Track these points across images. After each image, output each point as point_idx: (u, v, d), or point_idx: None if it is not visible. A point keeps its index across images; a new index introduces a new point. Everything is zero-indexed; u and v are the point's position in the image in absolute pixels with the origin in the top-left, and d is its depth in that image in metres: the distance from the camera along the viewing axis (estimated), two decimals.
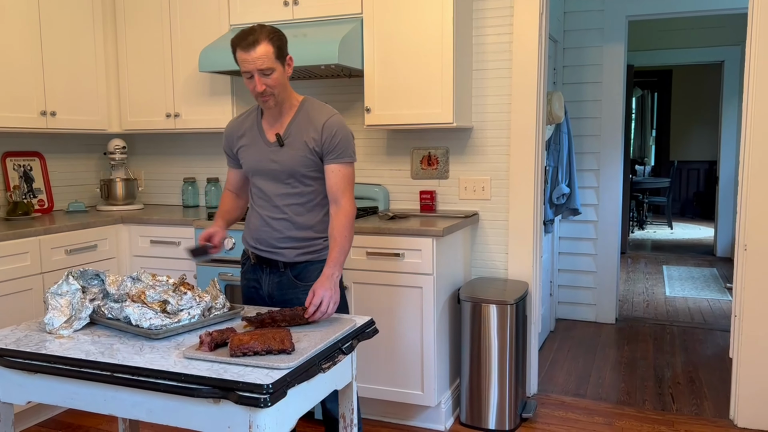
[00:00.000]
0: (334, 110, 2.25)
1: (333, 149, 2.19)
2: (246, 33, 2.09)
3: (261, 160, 2.25)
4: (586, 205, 4.75)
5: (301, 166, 2.21)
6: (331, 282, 2.05)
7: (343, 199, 2.20)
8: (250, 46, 2.06)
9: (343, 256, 2.15)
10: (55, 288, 1.93)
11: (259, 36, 2.07)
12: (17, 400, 1.80)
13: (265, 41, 2.07)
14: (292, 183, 2.23)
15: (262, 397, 1.46)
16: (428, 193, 3.43)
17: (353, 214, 2.20)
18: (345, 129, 2.22)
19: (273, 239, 2.27)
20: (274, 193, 2.25)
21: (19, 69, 3.27)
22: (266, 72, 2.09)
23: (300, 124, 2.22)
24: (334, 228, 2.17)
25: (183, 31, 3.60)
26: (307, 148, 2.19)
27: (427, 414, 3.08)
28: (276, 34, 2.11)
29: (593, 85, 4.66)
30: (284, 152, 2.21)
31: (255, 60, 2.06)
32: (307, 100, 2.27)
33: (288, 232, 2.25)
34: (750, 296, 3.03)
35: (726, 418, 3.19)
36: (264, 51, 2.07)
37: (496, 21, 3.27)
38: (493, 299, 2.99)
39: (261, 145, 2.25)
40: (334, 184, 2.20)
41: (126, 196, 3.89)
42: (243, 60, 2.09)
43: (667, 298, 5.63)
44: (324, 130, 2.18)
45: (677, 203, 10.91)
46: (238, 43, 2.09)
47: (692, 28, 6.83)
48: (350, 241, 2.19)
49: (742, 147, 3.02)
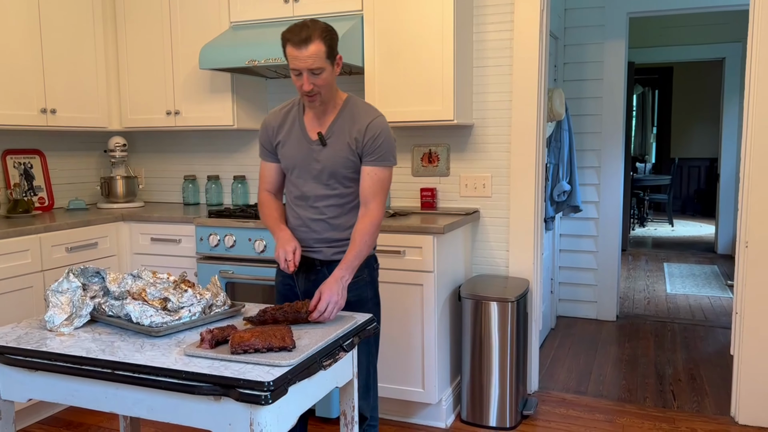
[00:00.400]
0: (378, 111, 2.20)
1: (373, 151, 2.14)
2: (299, 28, 2.01)
3: (302, 158, 2.20)
4: (587, 203, 4.75)
5: (342, 167, 2.16)
6: (339, 285, 2.01)
7: (373, 203, 2.15)
8: (302, 43, 1.99)
9: (357, 260, 2.11)
10: (55, 285, 1.93)
11: (312, 33, 1.99)
12: (18, 397, 1.80)
13: (318, 39, 2.00)
14: (332, 184, 2.19)
15: (263, 395, 1.46)
16: (429, 191, 3.43)
17: (379, 220, 2.16)
18: (388, 132, 2.16)
19: (310, 239, 2.23)
20: (313, 193, 2.20)
21: (20, 67, 3.27)
22: (316, 71, 2.02)
23: (343, 123, 2.16)
24: (356, 230, 2.13)
25: (183, 28, 3.59)
26: (349, 149, 2.14)
27: (428, 411, 3.08)
28: (329, 32, 2.04)
29: (594, 82, 4.65)
30: (326, 152, 2.16)
31: (306, 59, 2.00)
32: (351, 99, 2.22)
33: (325, 233, 2.22)
34: (751, 293, 3.02)
35: (727, 414, 3.18)
36: (316, 50, 1.99)
37: (497, 18, 3.26)
38: (494, 296, 2.98)
39: (302, 143, 2.20)
40: (367, 186, 2.15)
41: (126, 194, 3.89)
42: (293, 57, 2.01)
43: (668, 295, 5.62)
44: (367, 131, 2.13)
45: (678, 200, 10.91)
46: (290, 38, 2.01)
47: (693, 25, 6.81)
48: (370, 247, 2.15)
49: (743, 144, 3.01)
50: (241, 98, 3.61)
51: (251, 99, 3.69)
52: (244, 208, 3.36)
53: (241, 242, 3.13)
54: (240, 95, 3.59)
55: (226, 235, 3.15)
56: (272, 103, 3.83)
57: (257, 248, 3.07)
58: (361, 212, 2.16)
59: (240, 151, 3.97)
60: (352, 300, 2.21)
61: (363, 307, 2.25)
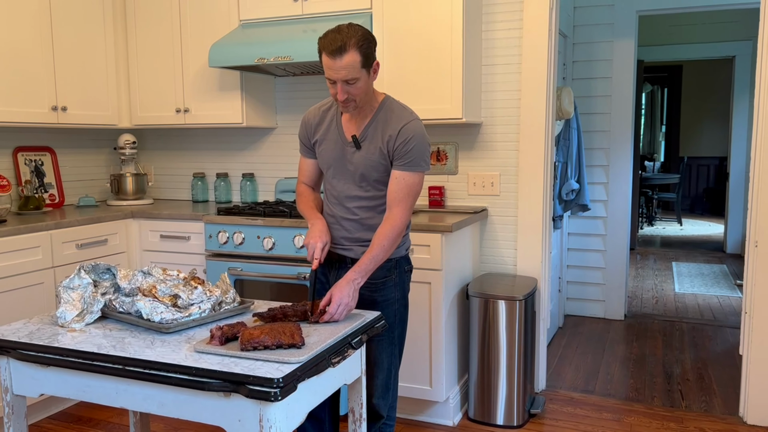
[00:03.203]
0: (413, 115, 2.15)
1: (403, 155, 2.09)
2: (334, 35, 1.96)
3: (337, 158, 2.19)
4: (596, 201, 4.74)
5: (374, 170, 2.14)
6: (351, 288, 1.99)
7: (397, 208, 2.11)
8: (336, 54, 1.94)
9: (373, 264, 2.09)
10: (67, 282, 1.95)
11: (347, 41, 1.94)
12: (30, 392, 1.82)
13: (353, 49, 1.94)
14: (365, 186, 2.17)
15: (273, 391, 1.47)
16: (437, 189, 3.43)
17: (401, 226, 2.11)
18: (421, 136, 2.11)
19: (342, 237, 2.23)
20: (346, 194, 2.20)
21: (31, 64, 3.29)
22: (350, 82, 1.99)
23: (377, 127, 2.14)
24: (376, 234, 2.11)
25: (193, 26, 3.60)
26: (381, 153, 2.12)
27: (436, 409, 3.09)
28: (365, 41, 1.98)
29: (603, 81, 4.64)
30: (359, 155, 2.15)
31: (339, 69, 1.95)
32: (387, 101, 2.17)
33: (357, 233, 2.21)
34: (761, 293, 3.01)
35: (735, 414, 3.17)
36: (350, 61, 1.95)
37: (506, 16, 3.26)
38: (502, 295, 2.99)
39: (338, 143, 2.18)
40: (393, 191, 2.12)
41: (136, 191, 3.91)
42: (327, 66, 1.98)
43: (677, 294, 5.60)
44: (399, 135, 2.09)
45: (687, 199, 10.85)
46: (325, 46, 1.97)
47: (703, 23, 6.78)
48: (387, 252, 2.11)
49: (753, 143, 3.00)
50: (250, 96, 3.62)
51: (260, 97, 3.70)
52: (253, 206, 3.38)
53: (249, 239, 3.14)
54: (249, 93, 3.61)
55: (235, 233, 3.17)
56: (281, 101, 3.85)
57: (266, 246, 3.08)
58: (385, 215, 2.14)
59: (249, 148, 3.98)
60: (378, 300, 2.21)
61: (389, 308, 2.24)
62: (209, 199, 4.09)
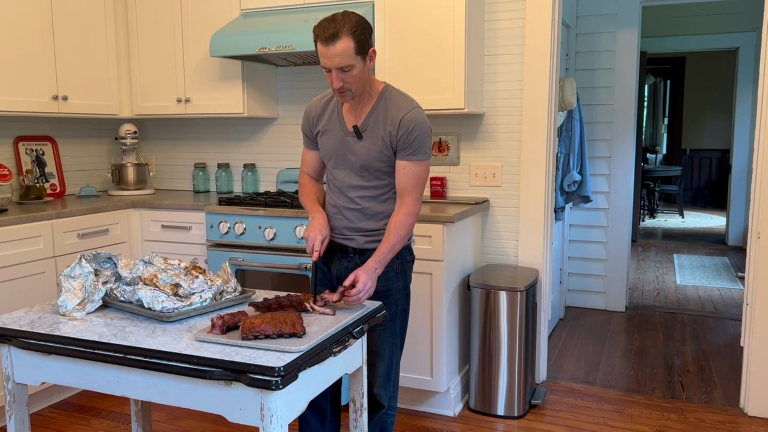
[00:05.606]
0: (413, 103, 2.14)
1: (407, 146, 2.09)
2: (328, 23, 1.95)
3: (339, 149, 2.19)
4: (598, 193, 4.73)
5: (376, 160, 2.14)
6: (372, 275, 2.02)
7: (408, 197, 2.13)
8: (329, 41, 1.93)
9: (391, 253, 2.10)
10: (68, 271, 1.95)
11: (341, 28, 1.93)
12: (32, 381, 1.82)
13: (346, 36, 1.93)
14: (366, 176, 2.18)
15: (274, 380, 1.47)
16: (439, 180, 3.42)
17: (415, 214, 2.14)
18: (423, 125, 2.10)
19: (344, 227, 2.24)
20: (348, 184, 2.20)
21: (32, 54, 3.28)
22: (345, 69, 1.97)
23: (378, 116, 2.13)
24: (391, 223, 2.12)
25: (194, 15, 3.59)
26: (383, 144, 2.12)
27: (436, 399, 3.09)
28: (359, 27, 1.96)
29: (606, 72, 4.62)
30: (361, 145, 2.15)
31: (333, 56, 1.95)
32: (387, 90, 2.16)
33: (359, 222, 2.22)
34: (762, 285, 3.01)
35: (736, 406, 3.18)
36: (343, 47, 1.94)
37: (509, 5, 3.24)
38: (504, 286, 2.98)
39: (340, 134, 2.18)
40: (402, 181, 2.12)
41: (137, 181, 3.91)
42: (322, 54, 1.97)
43: (678, 286, 5.60)
44: (401, 125, 2.09)
45: (689, 192, 10.84)
46: (318, 34, 1.96)
47: (706, 14, 6.74)
48: (403, 241, 2.13)
49: (756, 135, 2.99)
50: (252, 86, 3.61)
51: (262, 87, 3.69)
52: (254, 196, 3.37)
53: (251, 230, 3.14)
54: (250, 83, 3.59)
55: (236, 223, 3.16)
56: (282, 91, 3.83)
57: (267, 236, 3.08)
58: (397, 205, 2.15)
59: (250, 139, 3.97)
60: (380, 289, 2.20)
61: (391, 298, 2.24)
62: (210, 190, 4.09)
